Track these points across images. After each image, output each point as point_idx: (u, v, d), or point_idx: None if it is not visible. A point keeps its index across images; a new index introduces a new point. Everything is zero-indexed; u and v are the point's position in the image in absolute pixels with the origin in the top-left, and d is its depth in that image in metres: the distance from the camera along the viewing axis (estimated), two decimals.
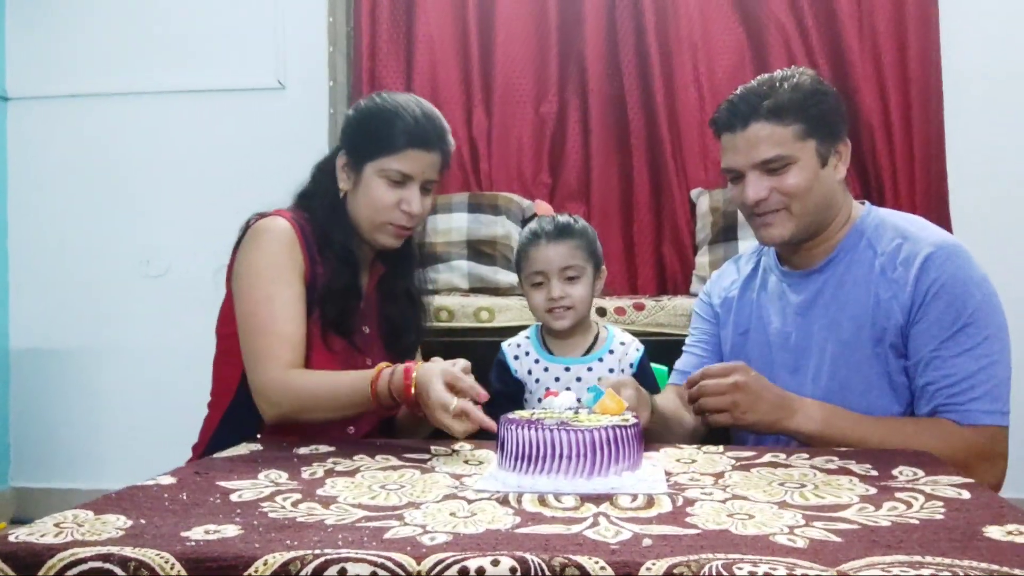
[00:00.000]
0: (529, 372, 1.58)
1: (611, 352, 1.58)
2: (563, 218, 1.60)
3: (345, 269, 1.52)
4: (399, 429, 1.61)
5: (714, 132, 1.47)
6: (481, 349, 1.73)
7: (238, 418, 1.49)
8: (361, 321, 1.57)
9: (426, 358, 1.52)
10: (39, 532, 0.80)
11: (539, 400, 1.53)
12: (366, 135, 1.51)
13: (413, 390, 1.25)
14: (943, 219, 2.77)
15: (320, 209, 1.54)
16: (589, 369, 1.56)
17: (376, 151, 1.49)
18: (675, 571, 0.70)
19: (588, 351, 1.59)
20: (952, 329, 1.33)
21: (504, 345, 1.63)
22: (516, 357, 1.60)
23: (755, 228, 1.46)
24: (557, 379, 1.56)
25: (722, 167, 1.47)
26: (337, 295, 1.50)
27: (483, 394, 1.22)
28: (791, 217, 1.41)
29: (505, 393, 1.56)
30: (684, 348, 1.69)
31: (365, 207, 1.51)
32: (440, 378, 1.22)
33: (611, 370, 1.56)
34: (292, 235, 1.49)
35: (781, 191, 1.39)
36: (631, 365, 1.58)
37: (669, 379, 1.69)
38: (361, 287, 1.58)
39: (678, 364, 1.68)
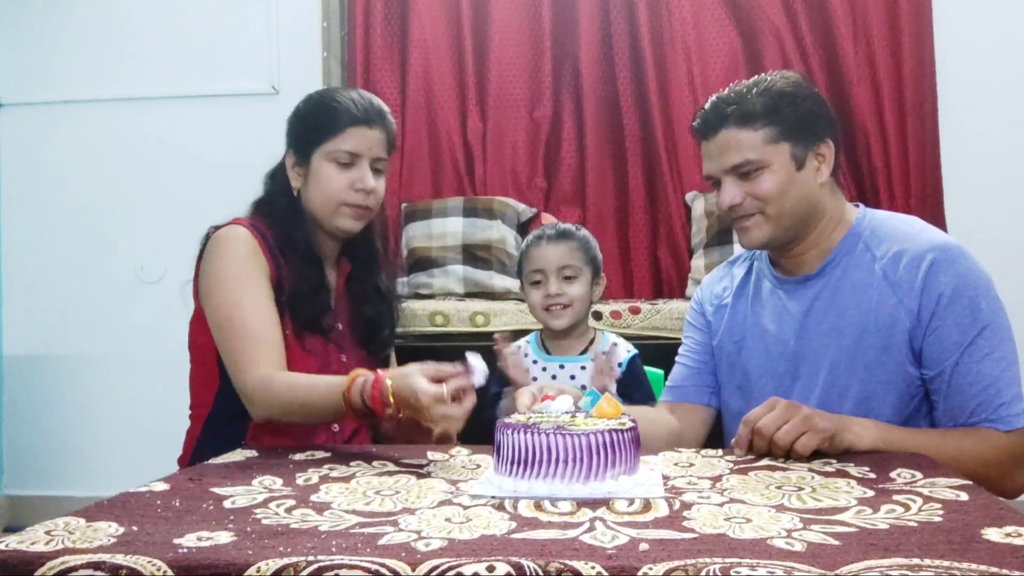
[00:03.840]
0: (526, 371, 1.62)
1: (603, 353, 1.62)
2: (565, 224, 1.70)
3: (310, 268, 1.53)
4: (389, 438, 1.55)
5: (696, 142, 1.48)
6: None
7: (218, 427, 1.50)
8: (333, 319, 1.57)
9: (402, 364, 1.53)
10: (30, 540, 0.79)
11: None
12: (307, 126, 1.54)
13: (392, 398, 1.21)
14: (938, 220, 2.78)
15: (277, 212, 1.55)
16: (583, 368, 1.60)
17: (320, 137, 1.52)
18: (672, 575, 0.69)
19: (583, 352, 1.64)
20: (972, 334, 1.31)
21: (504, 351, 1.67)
22: None
23: (736, 232, 1.47)
24: (553, 376, 1.62)
25: (703, 175, 1.48)
26: (306, 295, 1.51)
27: (469, 379, 1.20)
28: (767, 220, 1.40)
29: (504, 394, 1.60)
30: (676, 359, 1.65)
31: (319, 194, 1.52)
32: (420, 374, 1.19)
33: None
34: (252, 240, 1.50)
35: (754, 195, 1.39)
36: (619, 365, 1.61)
37: (661, 397, 1.62)
38: (330, 284, 1.58)
39: (671, 378, 1.62)
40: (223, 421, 1.49)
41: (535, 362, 1.66)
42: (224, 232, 1.51)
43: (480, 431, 1.28)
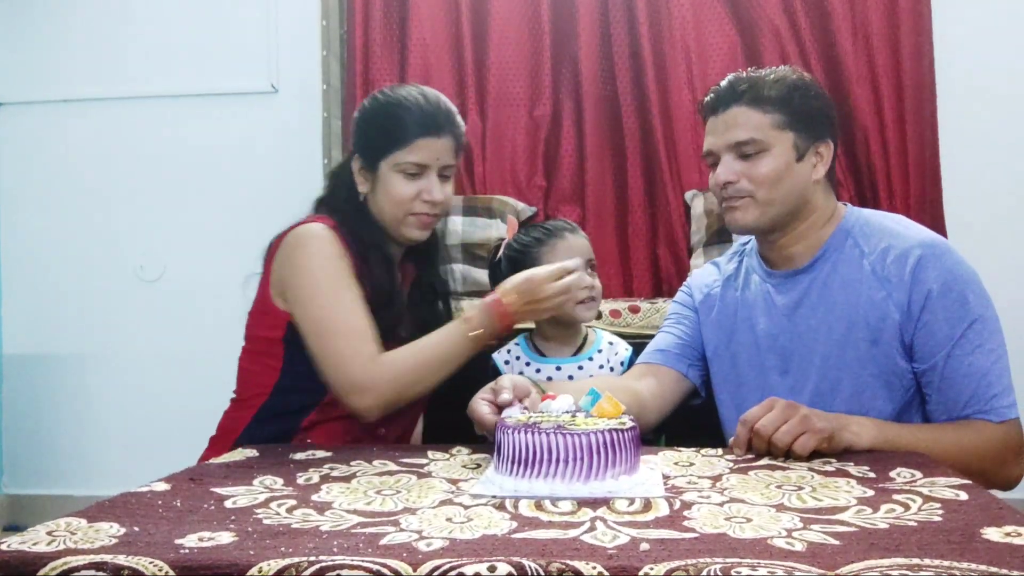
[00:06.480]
0: (520, 375, 1.58)
1: (600, 351, 1.60)
2: (562, 220, 1.65)
3: (387, 275, 1.52)
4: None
5: (702, 119, 1.49)
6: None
7: (272, 417, 1.49)
8: (409, 327, 1.55)
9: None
10: (31, 540, 0.79)
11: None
12: (375, 133, 1.52)
13: (511, 302, 1.40)
14: (937, 219, 2.78)
15: (350, 215, 1.53)
16: (580, 368, 1.58)
17: (387, 147, 1.49)
18: (673, 575, 0.69)
19: (578, 351, 1.61)
20: (962, 327, 1.33)
21: (494, 355, 1.65)
22: (507, 362, 1.63)
23: (724, 213, 1.47)
24: (549, 379, 1.57)
25: (703, 152, 1.48)
26: (385, 302, 1.49)
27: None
28: (756, 205, 1.41)
29: None
30: (661, 329, 1.62)
31: (387, 204, 1.51)
32: (528, 272, 1.42)
33: (600, 367, 1.58)
34: (336, 239, 1.48)
35: (750, 178, 1.40)
36: (621, 363, 1.60)
37: (641, 358, 1.59)
38: (402, 291, 1.56)
39: (655, 342, 1.59)
40: (278, 411, 1.49)
41: (528, 364, 1.62)
42: (308, 229, 1.49)
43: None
